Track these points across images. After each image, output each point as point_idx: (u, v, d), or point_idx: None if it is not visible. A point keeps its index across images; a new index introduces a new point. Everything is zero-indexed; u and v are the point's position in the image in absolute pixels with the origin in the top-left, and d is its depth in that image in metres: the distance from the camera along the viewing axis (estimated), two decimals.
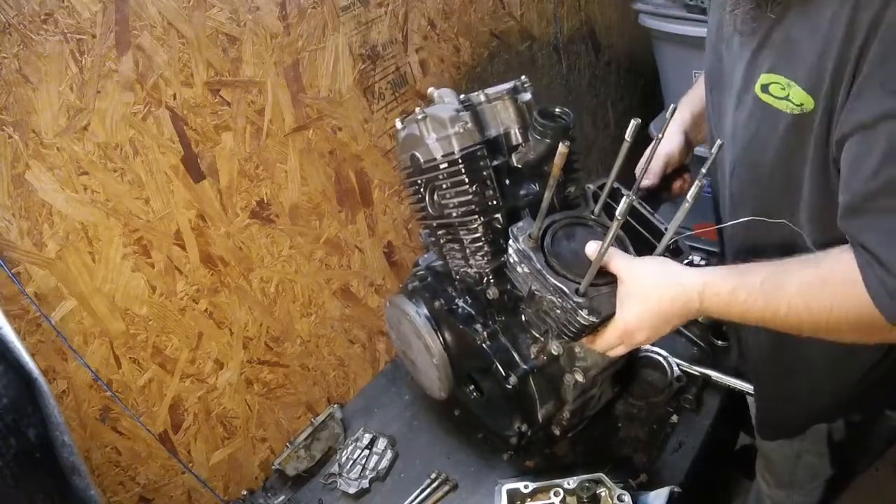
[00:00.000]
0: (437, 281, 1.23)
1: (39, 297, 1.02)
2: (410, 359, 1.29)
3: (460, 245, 1.10)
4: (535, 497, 1.11)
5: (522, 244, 0.92)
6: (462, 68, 1.71)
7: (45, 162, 0.99)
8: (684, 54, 2.07)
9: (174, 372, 1.23)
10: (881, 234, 0.71)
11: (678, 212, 0.83)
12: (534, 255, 0.91)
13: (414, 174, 1.10)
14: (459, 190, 1.04)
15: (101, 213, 1.07)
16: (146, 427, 1.19)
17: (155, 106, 1.10)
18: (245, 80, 1.23)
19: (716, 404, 1.33)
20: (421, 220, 1.17)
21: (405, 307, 1.20)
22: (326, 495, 1.33)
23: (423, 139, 1.05)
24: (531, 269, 0.92)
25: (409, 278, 1.28)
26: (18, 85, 0.94)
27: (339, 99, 1.41)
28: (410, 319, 1.19)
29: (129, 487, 1.20)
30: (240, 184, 1.27)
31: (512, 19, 1.86)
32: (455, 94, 1.10)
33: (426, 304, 1.20)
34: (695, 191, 0.79)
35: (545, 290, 0.91)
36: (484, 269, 1.09)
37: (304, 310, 1.46)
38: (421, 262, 1.30)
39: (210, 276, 1.25)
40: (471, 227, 1.06)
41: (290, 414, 1.49)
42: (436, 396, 1.27)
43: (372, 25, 1.44)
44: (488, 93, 1.08)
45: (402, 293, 1.25)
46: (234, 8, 1.18)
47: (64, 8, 0.96)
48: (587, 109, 2.30)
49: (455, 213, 1.06)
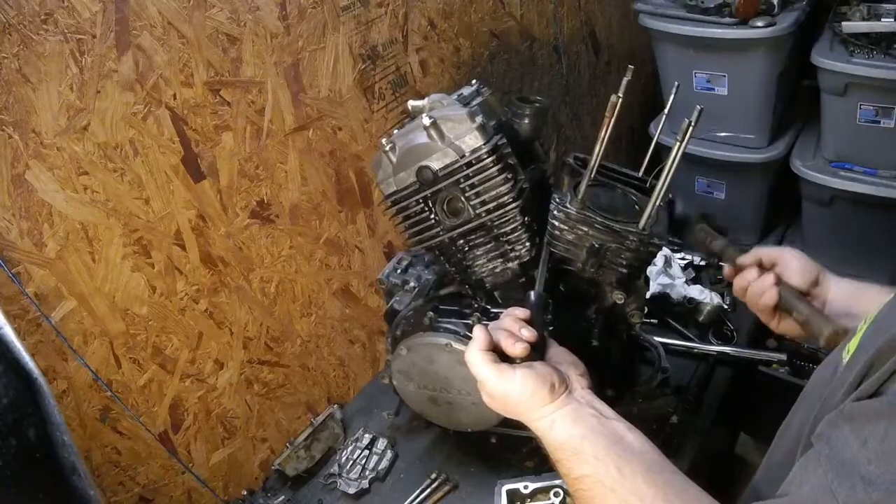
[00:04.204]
0: (451, 302, 1.15)
1: (39, 297, 1.02)
2: (447, 401, 1.13)
3: (495, 243, 1.07)
4: (535, 497, 1.11)
5: (573, 208, 0.99)
6: (462, 68, 1.71)
7: (45, 162, 0.99)
8: (684, 54, 2.07)
9: (174, 372, 1.23)
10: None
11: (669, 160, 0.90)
12: (593, 214, 0.99)
13: (420, 191, 1.06)
14: (492, 183, 1.02)
15: (101, 213, 1.07)
16: (146, 427, 1.19)
17: (155, 106, 1.10)
18: (245, 80, 1.23)
19: (715, 405, 1.34)
20: (425, 240, 1.10)
21: (437, 340, 1.07)
22: (326, 495, 1.33)
23: (436, 146, 1.02)
24: (590, 225, 0.99)
25: (396, 325, 1.15)
26: (18, 85, 0.94)
27: (339, 99, 1.41)
28: (453, 348, 1.06)
29: (129, 487, 1.20)
30: (240, 184, 1.27)
31: (512, 19, 1.86)
32: (445, 94, 1.10)
33: (461, 328, 1.08)
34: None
35: (608, 239, 0.99)
36: (524, 259, 1.07)
37: (304, 310, 1.46)
38: (397, 305, 1.19)
39: (210, 276, 1.25)
40: (509, 218, 1.04)
41: (290, 414, 1.49)
42: (482, 427, 1.15)
43: (372, 25, 1.44)
44: (471, 91, 1.12)
45: (417, 335, 1.10)
46: (234, 8, 1.17)
47: (64, 8, 0.96)
48: (587, 109, 2.30)
49: (491, 206, 1.03)
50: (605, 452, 0.73)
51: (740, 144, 2.17)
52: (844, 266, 2.19)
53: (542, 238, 1.05)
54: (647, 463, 0.73)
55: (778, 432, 0.86)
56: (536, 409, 0.79)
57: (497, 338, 0.82)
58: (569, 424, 0.77)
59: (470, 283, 1.14)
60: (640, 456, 0.74)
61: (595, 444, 0.74)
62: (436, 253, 1.13)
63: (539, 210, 1.06)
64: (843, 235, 2.12)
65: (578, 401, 0.80)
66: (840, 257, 2.19)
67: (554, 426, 0.77)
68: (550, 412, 0.78)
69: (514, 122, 1.12)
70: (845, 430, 0.57)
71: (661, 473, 0.72)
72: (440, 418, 1.19)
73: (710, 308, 1.54)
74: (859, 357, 0.64)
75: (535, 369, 0.79)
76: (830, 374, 0.73)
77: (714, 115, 2.10)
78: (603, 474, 0.72)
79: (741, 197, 2.33)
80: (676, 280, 1.63)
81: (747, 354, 1.44)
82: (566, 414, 0.78)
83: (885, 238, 2.03)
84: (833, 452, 0.57)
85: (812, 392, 0.80)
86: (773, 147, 2.14)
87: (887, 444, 0.53)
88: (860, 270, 2.17)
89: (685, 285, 1.62)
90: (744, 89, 2.05)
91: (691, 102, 0.88)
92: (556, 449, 0.77)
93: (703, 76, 2.08)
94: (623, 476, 0.71)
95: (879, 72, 1.73)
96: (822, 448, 0.59)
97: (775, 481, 0.69)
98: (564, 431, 0.77)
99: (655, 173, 1.00)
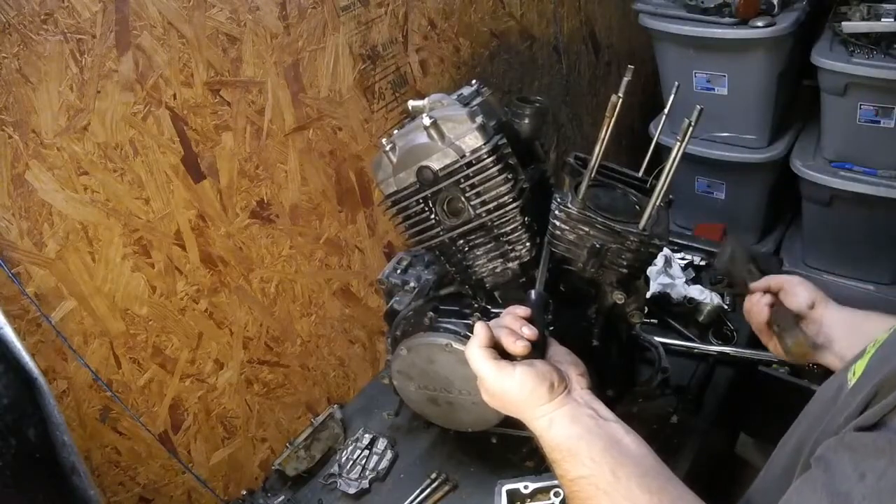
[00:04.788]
0: (451, 302, 1.15)
1: (39, 297, 1.02)
2: (447, 401, 1.14)
3: (495, 243, 1.07)
4: (535, 497, 1.11)
5: (575, 208, 0.98)
6: (462, 68, 1.71)
7: (45, 162, 0.99)
8: (684, 54, 2.07)
9: (174, 372, 1.23)
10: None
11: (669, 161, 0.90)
12: (594, 214, 0.99)
13: (420, 191, 1.06)
14: (493, 183, 1.02)
15: (101, 213, 1.07)
16: (146, 427, 1.19)
17: (155, 106, 1.10)
18: (245, 80, 1.23)
19: (715, 405, 1.34)
20: (425, 241, 1.10)
21: (437, 341, 1.07)
22: (326, 495, 1.33)
23: (436, 146, 1.02)
24: (591, 225, 0.99)
25: (397, 325, 1.15)
26: (18, 85, 0.94)
27: (339, 99, 1.41)
28: (453, 348, 1.06)
29: (129, 487, 1.20)
30: (240, 184, 1.27)
31: (512, 19, 1.86)
32: (445, 94, 1.10)
33: (461, 328, 1.08)
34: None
35: (609, 240, 0.98)
36: (524, 259, 1.07)
37: (304, 310, 1.46)
38: (397, 305, 1.20)
39: (210, 276, 1.25)
40: (509, 218, 1.04)
41: (290, 414, 1.49)
42: (482, 427, 1.15)
43: (372, 25, 1.44)
44: (471, 91, 1.12)
45: (417, 335, 1.10)
46: (234, 8, 1.18)
47: (64, 8, 0.96)
48: (587, 109, 2.30)
49: (491, 207, 1.04)
50: (602, 455, 0.73)
51: (740, 144, 2.17)
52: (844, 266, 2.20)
53: (542, 238, 1.05)
54: (643, 468, 0.73)
55: (779, 444, 0.86)
56: (535, 407, 0.79)
57: (498, 335, 0.82)
58: (566, 424, 0.77)
59: (470, 283, 1.13)
60: (637, 460, 0.73)
61: (592, 445, 0.74)
62: (436, 253, 1.13)
63: (539, 210, 1.06)
64: (843, 235, 2.12)
65: (577, 401, 0.79)
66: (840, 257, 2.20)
67: (552, 425, 0.77)
68: (549, 411, 0.78)
69: (514, 122, 1.12)
70: (845, 458, 0.57)
71: (657, 479, 0.72)
72: (440, 418, 1.18)
73: (711, 308, 1.54)
74: (865, 383, 0.64)
75: (535, 367, 0.79)
76: (834, 394, 0.74)
77: (714, 115, 2.10)
78: (598, 477, 0.72)
79: (741, 197, 2.34)
80: (676, 280, 1.63)
81: (747, 354, 1.44)
82: (564, 414, 0.78)
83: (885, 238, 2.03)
84: (830, 481, 0.57)
85: (814, 409, 0.81)
86: (773, 147, 2.15)
87: (884, 482, 0.53)
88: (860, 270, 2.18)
89: (685, 285, 1.62)
90: (744, 89, 2.05)
91: (691, 102, 0.88)
92: (552, 449, 0.77)
93: (703, 76, 2.08)
94: (618, 480, 0.71)
95: (879, 72, 1.73)
96: (820, 475, 0.59)
97: (771, 494, 0.70)
98: (562, 431, 0.76)
99: (656, 173, 1.00)
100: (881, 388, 0.60)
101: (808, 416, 0.82)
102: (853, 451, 0.57)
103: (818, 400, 0.81)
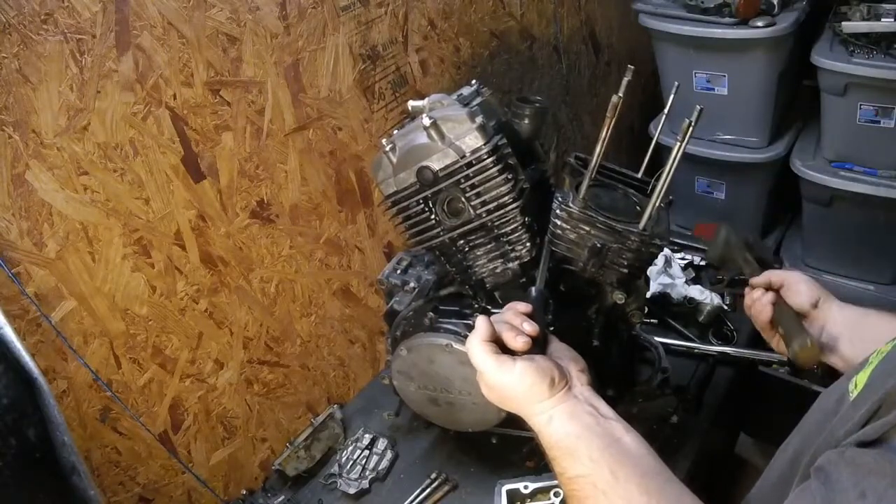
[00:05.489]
0: (451, 303, 1.15)
1: (39, 297, 1.02)
2: (447, 402, 1.14)
3: (495, 243, 1.07)
4: (535, 497, 1.11)
5: (576, 207, 0.99)
6: (462, 68, 1.71)
7: (45, 162, 0.99)
8: (684, 54, 2.07)
9: (174, 372, 1.23)
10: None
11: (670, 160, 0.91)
12: (596, 213, 0.99)
13: (420, 191, 1.06)
14: (493, 183, 1.02)
15: (101, 213, 1.07)
16: (146, 427, 1.19)
17: (155, 106, 1.10)
18: (245, 80, 1.23)
19: (715, 405, 1.34)
20: (425, 241, 1.10)
21: (437, 341, 1.07)
22: (326, 496, 1.33)
23: (436, 146, 1.02)
24: (592, 225, 0.99)
25: (397, 326, 1.15)
26: (18, 85, 0.94)
27: (339, 99, 1.41)
28: (453, 349, 1.06)
29: (129, 487, 1.20)
30: (240, 184, 1.27)
31: (512, 19, 1.86)
32: (445, 94, 1.10)
33: (461, 328, 1.09)
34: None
35: (610, 239, 0.99)
36: (524, 259, 1.07)
37: (304, 310, 1.46)
38: (397, 305, 1.20)
39: (210, 276, 1.25)
40: (509, 218, 1.04)
41: (290, 414, 1.49)
42: (483, 427, 1.15)
43: (372, 25, 1.44)
44: (471, 91, 1.12)
45: (417, 336, 1.10)
46: (234, 8, 1.17)
47: (64, 8, 0.96)
48: (587, 109, 2.30)
49: (492, 207, 1.04)
50: (601, 454, 0.73)
51: (740, 144, 2.17)
52: (844, 266, 2.20)
53: (542, 238, 1.05)
54: (642, 468, 0.72)
55: (777, 451, 0.85)
56: (534, 402, 0.78)
57: (499, 330, 0.82)
58: (565, 421, 0.76)
59: (470, 283, 1.13)
60: (636, 460, 0.73)
61: (591, 444, 0.74)
62: (436, 253, 1.13)
63: (539, 210, 1.06)
64: (843, 235, 2.13)
65: (577, 398, 0.79)
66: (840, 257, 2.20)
67: (551, 422, 0.77)
68: (548, 407, 0.78)
69: (514, 122, 1.12)
70: (845, 474, 0.57)
71: (656, 480, 0.72)
72: (440, 419, 1.18)
73: (711, 308, 1.54)
74: (867, 396, 0.63)
75: (535, 362, 0.79)
76: (834, 405, 0.73)
77: (714, 116, 2.10)
78: (597, 476, 0.71)
79: (741, 197, 2.34)
80: (676, 280, 1.63)
81: (747, 354, 1.44)
82: (564, 410, 0.77)
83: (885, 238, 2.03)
84: (829, 496, 0.57)
85: (813, 419, 0.80)
86: (773, 147, 2.15)
87: (884, 503, 0.53)
88: (860, 270, 2.18)
89: (685, 285, 1.62)
90: (744, 89, 2.05)
91: (691, 102, 0.88)
92: (551, 447, 0.77)
93: (703, 76, 2.08)
94: (617, 480, 0.70)
95: (879, 72, 1.73)
96: (819, 487, 0.59)
97: (768, 502, 0.69)
98: (561, 428, 0.76)
99: (657, 175, 1.00)
100: (884, 402, 0.59)
101: (807, 425, 0.82)
102: (854, 468, 0.57)
103: (818, 409, 0.80)
